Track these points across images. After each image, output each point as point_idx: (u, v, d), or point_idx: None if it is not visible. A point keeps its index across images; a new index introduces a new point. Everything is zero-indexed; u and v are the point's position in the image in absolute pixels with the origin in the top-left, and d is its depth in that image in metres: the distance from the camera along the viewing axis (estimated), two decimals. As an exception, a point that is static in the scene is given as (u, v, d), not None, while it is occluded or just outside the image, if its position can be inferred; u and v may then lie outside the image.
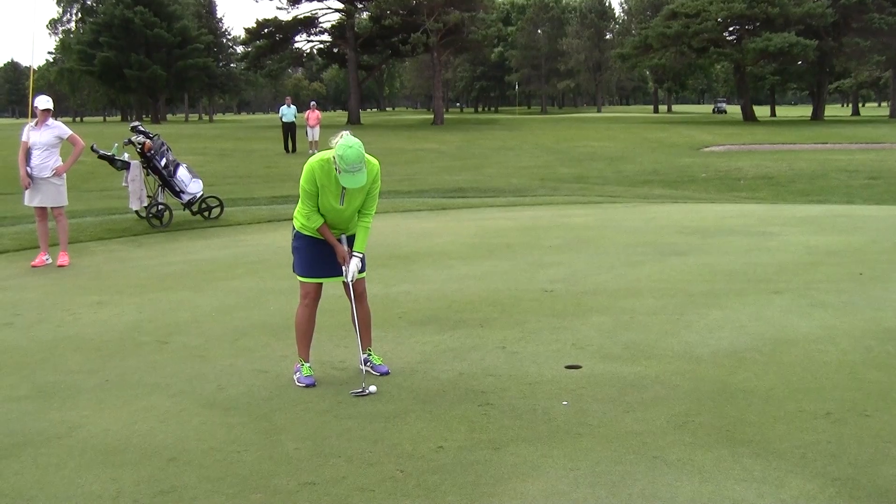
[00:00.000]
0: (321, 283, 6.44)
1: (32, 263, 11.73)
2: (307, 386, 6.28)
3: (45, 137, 11.67)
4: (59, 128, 11.88)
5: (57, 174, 11.67)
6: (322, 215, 6.18)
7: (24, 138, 11.73)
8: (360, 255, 6.31)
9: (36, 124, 11.75)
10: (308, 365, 6.45)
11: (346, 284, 6.42)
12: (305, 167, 6.10)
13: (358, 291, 6.47)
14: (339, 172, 5.88)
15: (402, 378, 6.33)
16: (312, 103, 37.96)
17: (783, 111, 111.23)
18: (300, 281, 6.45)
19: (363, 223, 6.32)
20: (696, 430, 5.21)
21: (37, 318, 8.69)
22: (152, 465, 4.92)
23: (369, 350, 6.57)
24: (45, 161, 11.67)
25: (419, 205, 18.93)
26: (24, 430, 5.53)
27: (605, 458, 4.83)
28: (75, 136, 11.86)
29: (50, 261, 11.77)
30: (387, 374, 6.41)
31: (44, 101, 11.72)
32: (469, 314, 8.23)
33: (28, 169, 11.62)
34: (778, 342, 7.03)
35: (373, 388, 6.13)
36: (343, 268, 6.30)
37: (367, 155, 5.97)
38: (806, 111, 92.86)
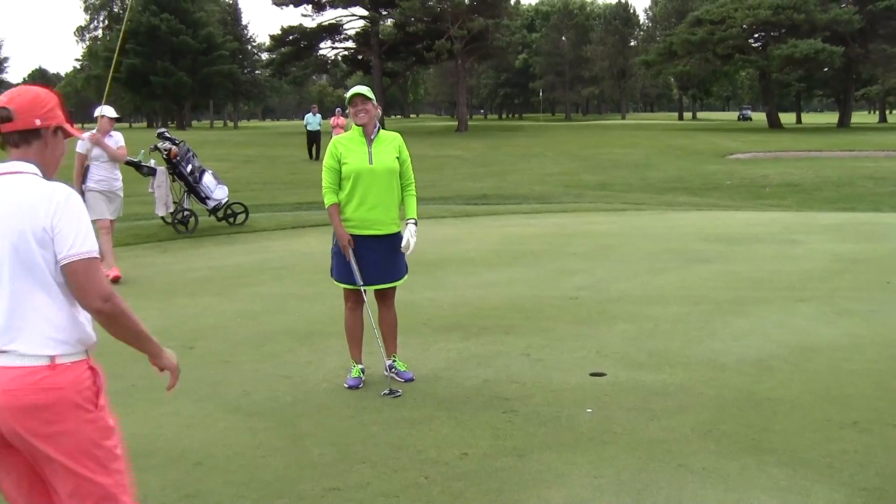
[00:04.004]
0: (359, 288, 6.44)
1: (112, 276, 10.72)
2: (351, 387, 6.33)
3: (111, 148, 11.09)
4: (119, 137, 11.33)
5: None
6: (352, 191, 6.27)
7: (81, 150, 11.09)
8: (414, 221, 6.45)
9: (98, 134, 11.11)
10: (360, 367, 6.48)
11: (376, 291, 6.44)
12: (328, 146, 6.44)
13: (388, 298, 6.52)
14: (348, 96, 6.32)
15: (426, 384, 6.33)
16: (338, 110, 37.91)
17: (809, 118, 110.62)
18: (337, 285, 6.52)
19: (408, 192, 6.50)
20: (721, 438, 5.19)
21: (64, 323, 8.73)
22: (178, 470, 4.95)
23: (394, 356, 6.58)
24: (114, 172, 11.17)
25: (443, 211, 18.94)
26: (51, 433, 5.56)
27: (629, 466, 4.81)
28: (124, 149, 11.40)
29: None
30: (411, 380, 6.43)
31: (111, 111, 11.24)
32: (493, 321, 8.23)
33: (90, 184, 10.95)
34: (803, 350, 6.99)
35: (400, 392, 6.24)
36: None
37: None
38: (832, 118, 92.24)
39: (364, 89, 6.30)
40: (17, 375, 2.89)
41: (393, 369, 6.52)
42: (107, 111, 11.21)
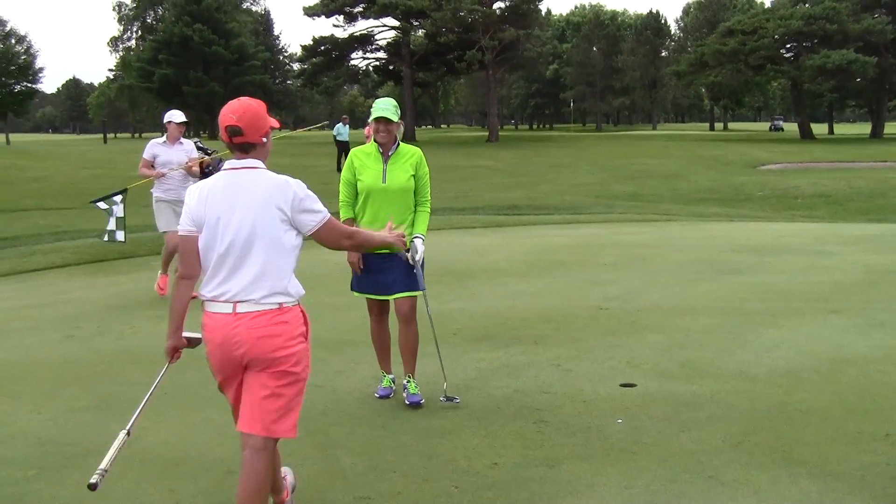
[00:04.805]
0: (381, 299, 6.41)
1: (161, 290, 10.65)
2: (382, 397, 6.35)
3: (181, 156, 10.53)
4: (190, 146, 10.74)
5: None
6: (364, 207, 6.17)
7: (147, 156, 10.52)
8: (422, 237, 6.20)
9: (168, 141, 10.59)
10: (390, 377, 6.48)
11: (397, 304, 6.34)
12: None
13: (404, 313, 6.28)
14: (372, 114, 6.18)
15: (456, 394, 6.33)
16: (370, 120, 38.01)
17: (841, 129, 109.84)
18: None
19: (422, 209, 6.28)
20: (752, 449, 5.17)
21: (97, 331, 8.84)
22: (209, 478, 4.98)
23: (408, 376, 6.34)
24: (185, 182, 10.35)
25: (473, 222, 18.96)
26: (85, 440, 5.63)
27: (659, 477, 4.80)
28: (197, 160, 10.65)
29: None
30: (418, 403, 6.18)
31: (180, 115, 10.65)
32: (524, 331, 8.23)
33: (158, 193, 10.51)
34: (835, 362, 6.95)
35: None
36: (405, 255, 6.07)
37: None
38: (865, 129, 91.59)
39: (389, 111, 6.09)
40: (258, 316, 3.99)
41: (405, 389, 6.32)
42: (175, 116, 10.61)
